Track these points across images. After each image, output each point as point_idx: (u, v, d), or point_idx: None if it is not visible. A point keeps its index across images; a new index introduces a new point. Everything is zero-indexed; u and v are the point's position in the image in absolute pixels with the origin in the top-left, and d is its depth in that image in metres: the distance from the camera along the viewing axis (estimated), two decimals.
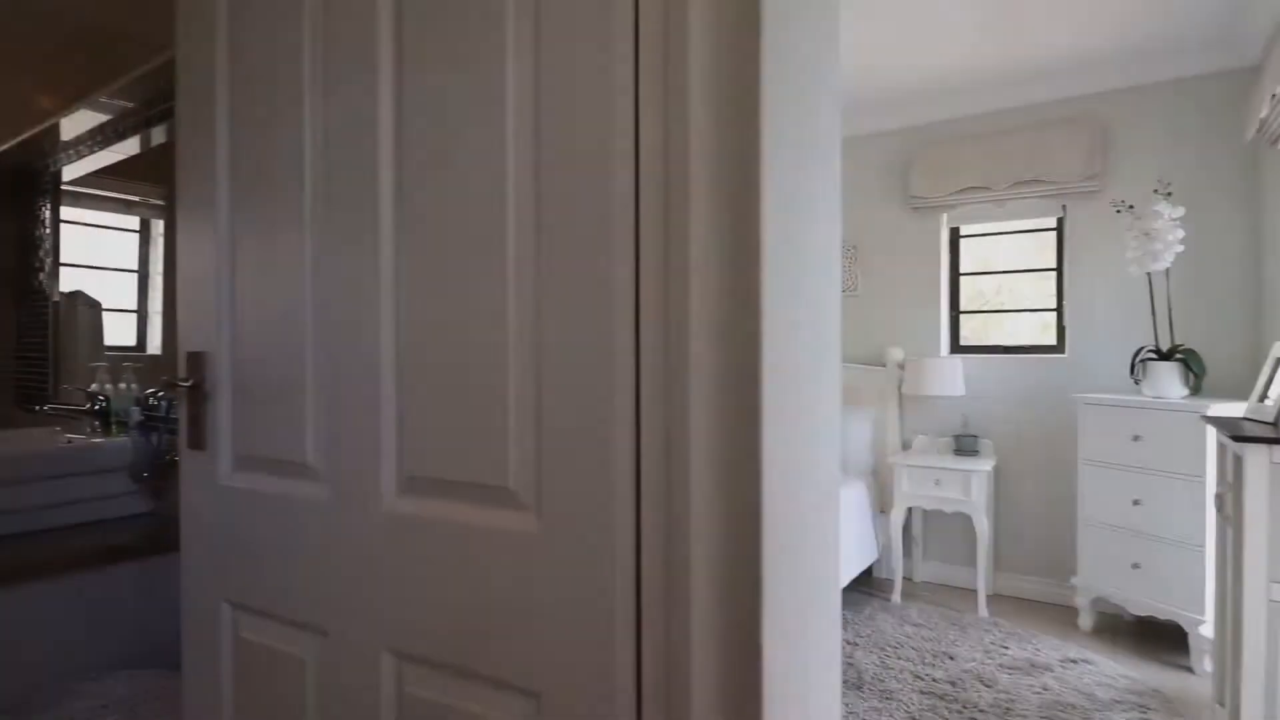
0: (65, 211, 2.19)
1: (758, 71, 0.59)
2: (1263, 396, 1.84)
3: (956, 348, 3.19)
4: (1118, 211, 2.61)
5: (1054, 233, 3.00)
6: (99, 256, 2.14)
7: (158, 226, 2.12)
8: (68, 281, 2.17)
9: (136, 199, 2.13)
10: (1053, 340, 2.99)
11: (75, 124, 1.89)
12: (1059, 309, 2.96)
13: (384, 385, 0.79)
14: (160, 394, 1.62)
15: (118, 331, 2.13)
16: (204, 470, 0.97)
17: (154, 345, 2.03)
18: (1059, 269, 2.97)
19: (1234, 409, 2.06)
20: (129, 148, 1.91)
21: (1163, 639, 2.45)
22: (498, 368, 0.70)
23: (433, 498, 0.76)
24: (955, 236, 3.20)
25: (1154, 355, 2.43)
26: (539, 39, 0.68)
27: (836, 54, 0.73)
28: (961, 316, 3.20)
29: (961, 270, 3.20)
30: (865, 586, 3.02)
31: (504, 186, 0.70)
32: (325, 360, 0.84)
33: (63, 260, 2.17)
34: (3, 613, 1.20)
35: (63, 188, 2.16)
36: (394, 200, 0.78)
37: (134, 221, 2.17)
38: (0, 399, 2.28)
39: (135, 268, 2.14)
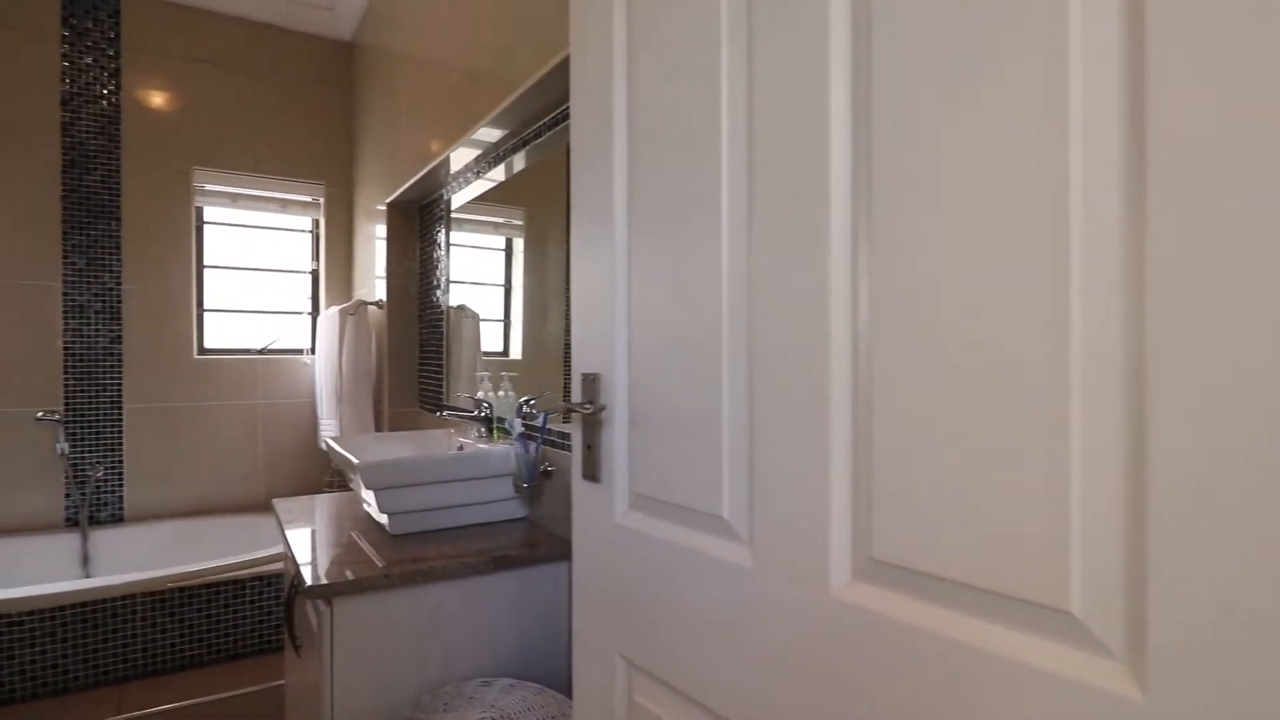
0: (453, 236, 2.50)
1: None
2: None
3: None
4: None
5: None
6: (474, 273, 2.39)
7: (518, 245, 2.31)
8: (455, 296, 2.46)
9: (501, 220, 2.35)
10: None
11: (459, 158, 2.10)
12: None
13: (833, 430, 0.59)
14: (532, 401, 1.69)
15: (488, 339, 2.36)
16: (598, 505, 0.88)
17: (515, 352, 2.20)
18: None
19: None
20: (497, 175, 2.09)
21: None
22: (1041, 420, 0.45)
23: (913, 596, 0.54)
24: None
25: None
26: None
27: None
28: None
29: None
30: None
31: (1062, 160, 0.45)
32: (747, 392, 0.68)
33: (451, 278, 2.47)
34: (413, 611, 1.30)
35: (452, 215, 2.45)
36: (850, 190, 0.58)
37: (500, 241, 2.39)
38: (409, 400, 2.68)
39: (501, 282, 2.36)
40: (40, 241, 2.65)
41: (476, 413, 1.83)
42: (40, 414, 2.62)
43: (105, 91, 2.75)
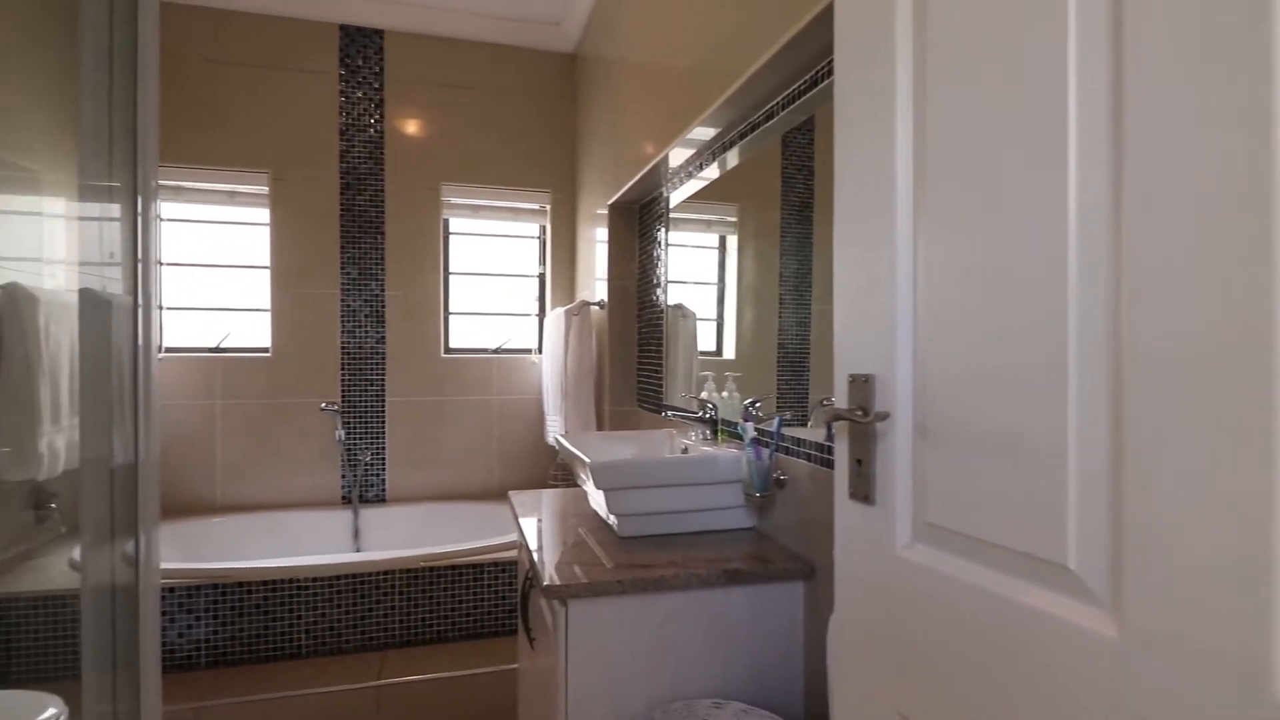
0: (670, 235, 2.47)
1: None
2: None
3: None
4: None
5: None
6: (688, 272, 2.33)
7: (731, 242, 2.22)
8: (672, 296, 2.42)
9: (714, 218, 2.27)
10: None
11: (676, 156, 2.06)
12: None
13: (1278, 459, 0.40)
14: (757, 403, 1.57)
15: (701, 338, 2.30)
16: (871, 531, 0.74)
17: (728, 351, 2.11)
18: None
19: None
20: (711, 173, 2.02)
21: None
22: None
23: None
24: None
25: None
26: None
27: None
28: None
29: None
30: None
31: None
32: (1110, 404, 0.50)
33: (670, 277, 2.44)
34: (644, 619, 1.24)
35: (670, 214, 2.42)
36: None
37: (713, 239, 2.32)
38: (628, 399, 2.70)
39: (714, 281, 2.29)
40: (324, 254, 3.06)
41: (701, 414, 1.76)
42: (324, 405, 3.03)
43: (372, 120, 3.11)
